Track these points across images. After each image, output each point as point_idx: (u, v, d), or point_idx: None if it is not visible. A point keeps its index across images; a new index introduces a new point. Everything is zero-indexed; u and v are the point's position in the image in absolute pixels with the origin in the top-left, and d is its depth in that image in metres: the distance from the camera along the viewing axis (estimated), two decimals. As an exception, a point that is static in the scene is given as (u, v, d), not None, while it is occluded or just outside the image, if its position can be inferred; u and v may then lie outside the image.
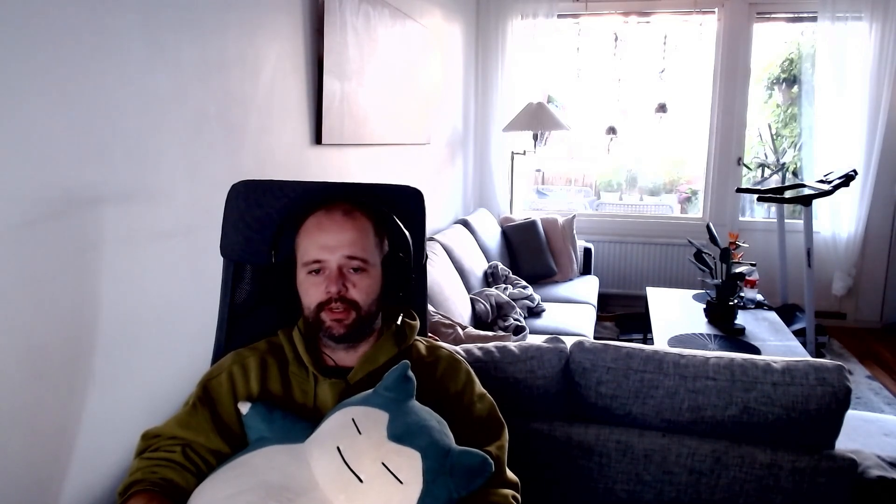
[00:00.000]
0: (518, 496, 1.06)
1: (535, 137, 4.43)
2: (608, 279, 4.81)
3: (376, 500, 0.88)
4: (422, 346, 1.20)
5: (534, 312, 3.52)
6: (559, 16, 4.66)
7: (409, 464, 0.90)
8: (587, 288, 4.11)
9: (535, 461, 1.46)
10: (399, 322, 1.17)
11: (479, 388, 1.17)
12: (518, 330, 3.07)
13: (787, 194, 3.83)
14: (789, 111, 5.41)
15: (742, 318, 3.19)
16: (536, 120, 4.22)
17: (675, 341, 2.91)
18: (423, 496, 0.88)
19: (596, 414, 1.49)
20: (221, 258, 1.28)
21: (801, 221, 3.85)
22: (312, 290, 1.08)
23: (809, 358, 1.55)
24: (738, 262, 3.33)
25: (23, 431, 1.18)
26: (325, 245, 1.06)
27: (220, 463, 1.01)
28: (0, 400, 1.13)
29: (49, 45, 1.18)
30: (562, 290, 4.03)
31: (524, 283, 3.72)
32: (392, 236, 1.16)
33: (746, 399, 1.38)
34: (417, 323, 1.21)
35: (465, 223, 3.95)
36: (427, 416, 0.98)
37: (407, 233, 1.18)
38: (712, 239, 3.34)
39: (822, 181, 3.78)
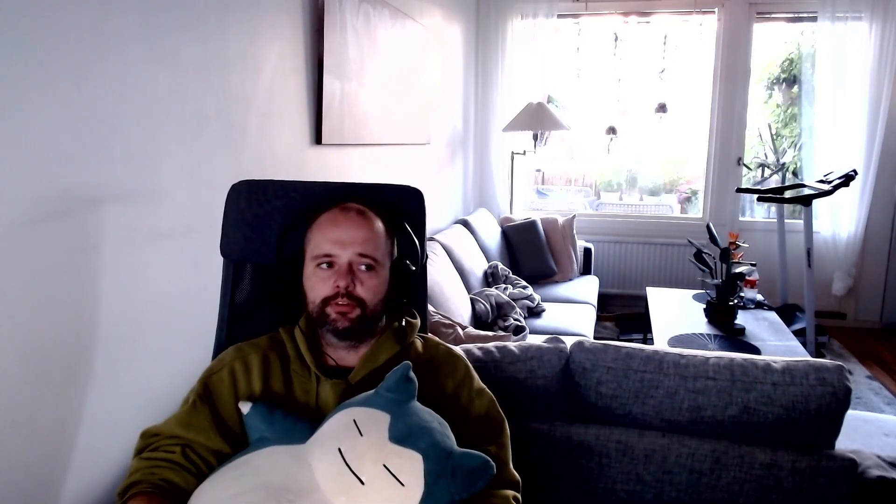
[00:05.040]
0: (518, 496, 1.06)
1: (535, 137, 4.43)
2: (608, 279, 4.81)
3: (377, 502, 0.87)
4: (419, 344, 1.20)
5: (534, 312, 3.52)
6: (559, 16, 4.66)
7: (411, 466, 0.89)
8: (587, 288, 4.10)
9: (535, 461, 1.46)
10: (402, 322, 1.17)
11: (477, 383, 1.17)
12: (518, 330, 3.07)
13: (787, 194, 3.83)
14: (789, 111, 5.41)
15: (742, 318, 3.19)
16: (536, 120, 4.22)
17: (675, 341, 2.91)
18: (424, 498, 0.88)
19: (596, 414, 1.49)
20: (221, 258, 1.28)
21: (801, 221, 3.85)
22: (320, 284, 1.08)
23: (809, 358, 1.55)
24: (738, 262, 3.33)
25: (22, 431, 1.18)
26: (339, 240, 1.07)
27: (220, 462, 1.01)
28: (0, 400, 1.13)
29: (49, 45, 1.18)
30: (562, 290, 4.03)
31: (524, 283, 3.72)
32: (401, 243, 1.18)
33: (746, 399, 1.38)
34: (418, 322, 1.21)
35: (465, 223, 3.95)
36: (429, 417, 0.98)
37: (416, 241, 1.19)
38: (712, 239, 3.34)
39: (822, 181, 3.78)
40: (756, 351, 2.80)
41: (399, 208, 1.23)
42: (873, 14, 4.13)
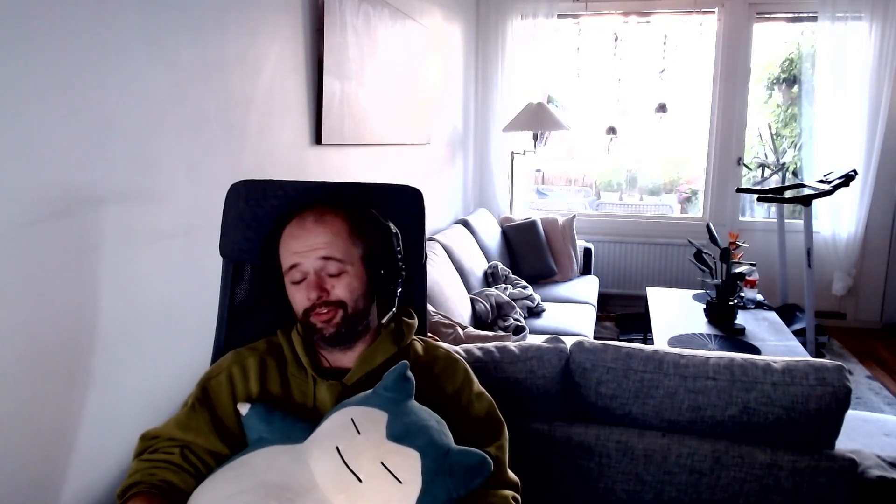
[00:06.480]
0: (518, 497, 1.06)
1: (535, 137, 4.43)
2: (608, 279, 4.81)
3: (375, 499, 0.88)
4: (419, 346, 1.20)
5: (534, 312, 3.52)
6: (559, 16, 4.67)
7: (408, 463, 0.90)
8: (587, 288, 4.11)
9: (535, 461, 1.46)
10: (395, 320, 1.17)
11: (477, 386, 1.17)
12: (518, 330, 3.07)
13: (787, 194, 3.83)
14: (789, 111, 5.41)
15: (742, 318, 3.19)
16: (536, 120, 4.22)
17: (675, 341, 2.91)
18: (422, 496, 0.89)
19: (596, 414, 1.49)
20: (221, 258, 1.28)
21: (801, 221, 3.85)
22: (297, 297, 1.09)
23: (809, 358, 1.55)
24: (738, 262, 3.33)
25: (22, 431, 1.18)
26: (298, 252, 1.07)
27: (219, 464, 1.01)
28: (0, 400, 1.13)
29: (49, 46, 1.18)
30: (562, 290, 4.03)
31: (524, 283, 3.72)
32: (373, 230, 1.14)
33: (746, 399, 1.38)
34: (415, 322, 1.21)
35: (465, 223, 3.95)
36: (426, 415, 0.98)
37: (390, 224, 1.16)
38: (712, 239, 3.34)
39: (822, 181, 3.78)
40: (756, 351, 2.80)
41: (389, 203, 1.21)
42: (873, 14, 4.13)
